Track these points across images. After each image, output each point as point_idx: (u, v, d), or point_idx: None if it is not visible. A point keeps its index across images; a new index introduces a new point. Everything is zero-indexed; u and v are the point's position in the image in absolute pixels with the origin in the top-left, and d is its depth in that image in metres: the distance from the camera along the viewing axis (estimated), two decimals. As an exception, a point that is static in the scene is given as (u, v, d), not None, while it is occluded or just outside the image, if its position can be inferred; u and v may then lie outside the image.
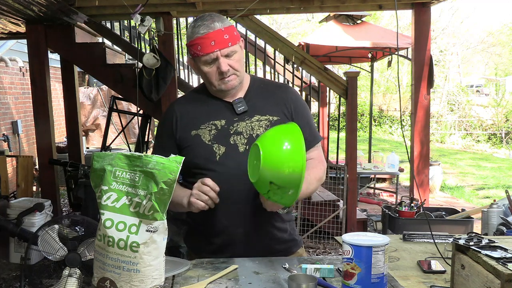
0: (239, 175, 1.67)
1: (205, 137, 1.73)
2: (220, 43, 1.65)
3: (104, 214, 1.32)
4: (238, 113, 1.75)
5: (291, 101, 1.81)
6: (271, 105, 1.78)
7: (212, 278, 1.47)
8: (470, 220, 3.56)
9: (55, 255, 1.87)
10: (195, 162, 1.72)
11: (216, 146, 1.71)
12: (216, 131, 1.73)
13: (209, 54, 1.66)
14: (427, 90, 4.90)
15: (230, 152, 1.71)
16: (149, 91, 4.65)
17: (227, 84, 1.71)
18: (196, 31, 1.66)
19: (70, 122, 6.13)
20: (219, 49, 1.65)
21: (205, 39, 1.64)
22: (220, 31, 1.65)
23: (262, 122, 1.74)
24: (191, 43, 1.68)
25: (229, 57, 1.68)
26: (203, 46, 1.65)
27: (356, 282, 1.35)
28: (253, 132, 1.73)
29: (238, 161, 1.69)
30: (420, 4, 4.81)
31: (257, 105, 1.77)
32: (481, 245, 1.24)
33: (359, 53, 8.10)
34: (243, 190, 1.69)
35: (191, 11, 4.87)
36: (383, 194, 7.51)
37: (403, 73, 16.76)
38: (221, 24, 1.66)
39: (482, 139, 15.22)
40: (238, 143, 1.72)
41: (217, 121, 1.75)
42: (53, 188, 5.13)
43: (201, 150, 1.72)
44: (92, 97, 11.22)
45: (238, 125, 1.74)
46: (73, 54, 5.18)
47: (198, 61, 1.69)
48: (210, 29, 1.65)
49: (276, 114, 1.76)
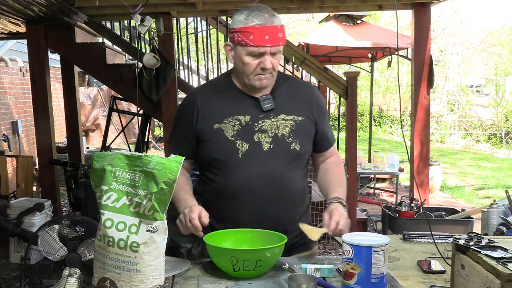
0: (262, 174, 1.66)
1: (228, 132, 1.68)
2: (273, 40, 1.61)
3: (104, 214, 1.32)
4: (264, 110, 1.71)
5: (315, 102, 1.81)
6: (296, 105, 1.76)
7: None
8: (470, 220, 3.56)
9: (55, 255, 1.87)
10: (215, 157, 1.69)
11: (239, 142, 1.67)
12: (240, 126, 1.69)
13: (259, 47, 1.61)
14: (427, 90, 4.90)
15: (253, 150, 1.67)
16: (149, 91, 4.65)
17: (262, 81, 1.68)
18: (251, 19, 1.60)
19: (70, 122, 6.13)
20: (271, 45, 1.61)
21: (260, 30, 1.59)
22: (277, 28, 1.62)
23: (287, 121, 1.72)
24: (242, 29, 1.61)
25: (274, 55, 1.65)
26: (256, 36, 1.59)
27: (356, 282, 1.35)
28: (278, 131, 1.70)
29: (262, 159, 1.67)
30: (420, 4, 4.81)
31: (283, 104, 1.74)
32: (481, 245, 1.24)
33: (359, 53, 8.09)
34: (266, 189, 1.67)
35: (191, 11, 4.86)
36: (383, 194, 7.51)
37: (403, 73, 16.74)
38: (278, 21, 1.63)
39: (482, 139, 15.21)
40: (263, 141, 1.69)
41: (241, 116, 1.70)
42: (53, 188, 5.13)
43: (223, 146, 1.68)
44: (92, 97, 11.21)
45: (264, 123, 1.70)
46: (73, 54, 5.18)
47: (243, 49, 1.63)
48: (268, 22, 1.60)
49: (301, 114, 1.75)
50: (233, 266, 1.46)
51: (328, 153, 1.88)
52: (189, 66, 6.32)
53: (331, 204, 1.69)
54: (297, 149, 1.72)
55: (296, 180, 1.74)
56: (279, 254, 1.53)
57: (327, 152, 1.88)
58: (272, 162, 1.68)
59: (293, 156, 1.72)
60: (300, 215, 1.79)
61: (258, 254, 1.46)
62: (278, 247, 1.51)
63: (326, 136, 1.85)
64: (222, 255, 1.49)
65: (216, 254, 1.52)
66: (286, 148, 1.70)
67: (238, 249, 1.57)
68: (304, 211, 1.82)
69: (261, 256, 1.46)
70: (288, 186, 1.71)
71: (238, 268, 1.45)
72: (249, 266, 1.45)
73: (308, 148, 1.78)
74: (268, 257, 1.48)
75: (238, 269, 1.46)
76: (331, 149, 1.89)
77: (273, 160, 1.69)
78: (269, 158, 1.67)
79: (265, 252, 1.47)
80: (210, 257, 1.55)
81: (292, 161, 1.72)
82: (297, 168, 1.75)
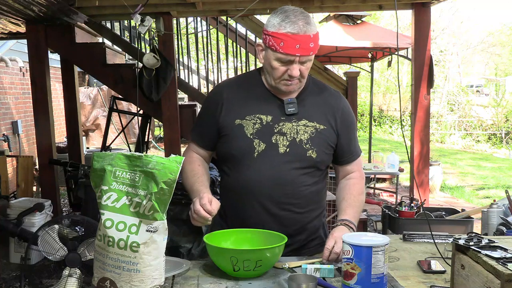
0: (274, 176, 1.66)
1: (248, 130, 1.68)
2: (304, 49, 1.59)
3: (104, 214, 1.32)
4: (287, 114, 1.70)
5: (341, 112, 1.78)
6: (321, 113, 1.74)
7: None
8: (470, 220, 3.55)
9: (55, 255, 1.87)
10: (232, 153, 1.70)
11: (256, 141, 1.67)
12: (260, 125, 1.68)
13: (288, 55, 1.59)
14: (427, 90, 4.90)
15: (269, 151, 1.67)
16: (149, 91, 4.65)
17: (289, 87, 1.67)
18: (285, 25, 1.58)
19: (70, 122, 6.12)
20: (301, 55, 1.60)
21: (292, 38, 1.57)
22: (309, 37, 1.59)
23: (308, 128, 1.70)
24: (274, 34, 1.59)
25: (303, 64, 1.63)
26: (287, 44, 1.58)
27: (356, 282, 1.35)
28: (297, 136, 1.69)
29: (276, 161, 1.67)
30: (420, 4, 4.81)
31: (307, 110, 1.73)
32: (481, 245, 1.24)
33: (359, 53, 8.09)
34: (275, 191, 1.67)
35: (191, 11, 4.86)
36: (383, 194, 7.51)
37: (403, 73, 16.75)
38: (312, 29, 1.60)
39: (482, 139, 15.21)
40: (280, 143, 1.68)
41: (263, 115, 1.70)
42: (53, 188, 5.13)
43: (240, 143, 1.68)
44: (92, 97, 11.21)
45: (284, 125, 1.69)
46: (73, 54, 5.18)
47: (273, 54, 1.62)
48: (301, 31, 1.57)
49: (324, 123, 1.73)
50: (233, 266, 1.46)
51: (350, 168, 1.84)
52: (189, 66, 6.32)
53: (338, 226, 1.68)
54: (313, 157, 1.70)
55: (309, 186, 1.73)
56: (279, 254, 1.53)
57: (349, 166, 1.84)
58: (285, 165, 1.68)
59: (308, 163, 1.70)
60: (311, 219, 1.78)
61: (258, 254, 1.46)
62: (278, 247, 1.51)
63: (349, 149, 1.81)
64: (222, 255, 1.49)
65: (216, 254, 1.52)
66: (301, 154, 1.69)
67: (238, 249, 1.57)
68: (316, 216, 1.80)
69: (261, 256, 1.46)
70: (298, 191, 1.70)
71: (238, 268, 1.45)
72: (249, 266, 1.45)
73: (326, 158, 1.75)
74: (268, 257, 1.48)
75: (238, 269, 1.46)
76: (354, 163, 1.84)
77: (286, 164, 1.68)
78: (283, 161, 1.66)
79: (265, 252, 1.47)
80: (210, 257, 1.55)
81: (306, 167, 1.71)
82: (311, 175, 1.73)
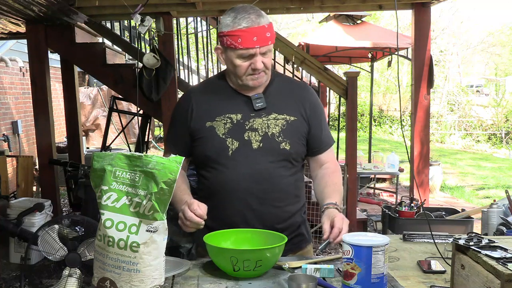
0: (250, 173, 1.67)
1: (220, 130, 1.70)
2: (261, 40, 1.61)
3: (104, 214, 1.32)
4: (255, 109, 1.72)
5: (309, 101, 1.79)
6: (289, 104, 1.76)
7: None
8: (470, 220, 3.56)
9: (55, 255, 1.87)
10: (207, 155, 1.71)
11: (229, 140, 1.69)
12: (231, 125, 1.70)
13: (248, 49, 1.62)
14: (427, 90, 4.90)
15: (243, 148, 1.69)
16: (149, 91, 4.65)
17: (256, 81, 1.69)
18: (238, 22, 1.60)
19: (70, 122, 6.12)
20: (260, 46, 1.62)
21: (248, 33, 1.60)
22: (264, 28, 1.62)
23: (278, 121, 1.72)
24: (230, 33, 1.62)
25: (264, 54, 1.65)
26: (244, 39, 1.60)
27: (356, 282, 1.35)
28: (268, 130, 1.71)
29: (251, 158, 1.68)
30: (420, 4, 4.81)
31: (275, 103, 1.74)
32: (481, 245, 1.24)
33: (359, 53, 8.10)
34: (253, 187, 1.68)
35: (191, 11, 4.86)
36: (383, 194, 7.51)
37: (403, 73, 16.74)
38: (265, 20, 1.63)
39: (482, 139, 15.20)
40: (252, 139, 1.69)
41: (233, 114, 1.72)
42: (53, 188, 5.13)
43: (214, 143, 1.69)
44: (92, 97, 11.21)
45: (254, 121, 1.71)
46: (73, 54, 5.18)
47: (233, 53, 1.64)
48: (255, 23, 1.60)
49: (293, 114, 1.75)
50: (233, 266, 1.46)
51: (324, 158, 1.83)
52: (189, 66, 6.32)
53: (328, 209, 1.66)
54: (287, 149, 1.71)
55: (286, 179, 1.74)
56: (279, 254, 1.53)
57: (322, 156, 1.82)
58: (261, 160, 1.69)
59: (282, 156, 1.71)
60: (291, 214, 1.78)
61: (258, 254, 1.47)
62: (278, 247, 1.51)
63: (319, 137, 1.80)
64: (222, 255, 1.49)
65: (216, 254, 1.52)
66: (275, 147, 1.70)
67: (238, 249, 1.57)
68: (297, 210, 1.80)
69: (261, 256, 1.46)
70: (277, 185, 1.71)
71: (238, 268, 1.45)
72: (249, 266, 1.45)
73: (300, 149, 1.76)
74: (268, 257, 1.48)
75: (238, 269, 1.46)
76: (327, 153, 1.83)
77: (262, 159, 1.69)
78: (258, 157, 1.67)
79: (265, 252, 1.47)
80: (210, 257, 1.55)
81: (281, 160, 1.72)
82: (288, 168, 1.74)
